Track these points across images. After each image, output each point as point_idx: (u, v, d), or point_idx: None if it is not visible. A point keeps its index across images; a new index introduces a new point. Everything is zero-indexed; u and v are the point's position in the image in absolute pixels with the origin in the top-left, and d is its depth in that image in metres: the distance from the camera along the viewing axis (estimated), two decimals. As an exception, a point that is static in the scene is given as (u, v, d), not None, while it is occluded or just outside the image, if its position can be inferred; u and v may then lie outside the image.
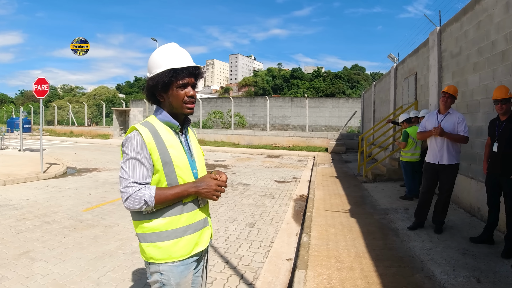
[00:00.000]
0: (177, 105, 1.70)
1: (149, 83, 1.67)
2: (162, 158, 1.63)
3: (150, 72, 1.69)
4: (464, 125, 4.74)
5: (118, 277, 3.58)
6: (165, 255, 1.65)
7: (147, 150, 1.60)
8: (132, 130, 1.63)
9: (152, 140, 1.61)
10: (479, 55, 5.70)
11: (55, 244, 4.51)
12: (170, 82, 1.65)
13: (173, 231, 1.66)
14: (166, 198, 1.60)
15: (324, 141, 20.74)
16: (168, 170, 1.64)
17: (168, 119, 1.70)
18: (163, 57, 1.67)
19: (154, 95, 1.71)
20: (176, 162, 1.67)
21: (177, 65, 1.66)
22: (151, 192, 1.56)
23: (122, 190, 1.58)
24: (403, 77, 11.24)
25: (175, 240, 1.66)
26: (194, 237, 1.73)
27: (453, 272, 3.59)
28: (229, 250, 4.40)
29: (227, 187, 1.73)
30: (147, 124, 1.67)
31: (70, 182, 9.16)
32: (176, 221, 1.67)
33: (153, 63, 1.68)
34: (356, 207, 6.40)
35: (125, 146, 1.62)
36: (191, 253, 1.72)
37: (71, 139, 28.09)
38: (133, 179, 1.57)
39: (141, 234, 1.67)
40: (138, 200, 1.55)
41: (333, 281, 3.38)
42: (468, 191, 5.90)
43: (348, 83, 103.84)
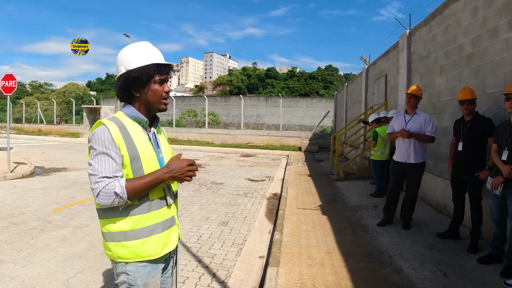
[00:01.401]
0: (155, 100, 1.68)
1: (131, 75, 1.62)
2: (129, 154, 1.59)
3: (128, 66, 1.64)
4: (431, 125, 4.92)
5: (88, 278, 3.50)
6: (133, 254, 1.61)
7: (115, 143, 1.55)
8: (99, 125, 1.58)
9: (119, 134, 1.57)
10: (446, 58, 5.91)
11: (23, 245, 4.36)
12: (152, 76, 1.64)
13: (140, 230, 1.62)
14: (138, 187, 1.55)
15: (298, 140, 20.97)
16: (135, 166, 1.60)
17: (137, 115, 1.67)
18: (144, 52, 1.66)
19: (129, 90, 1.66)
20: (144, 158, 1.63)
21: (159, 61, 1.66)
22: (121, 184, 1.51)
23: (92, 187, 1.52)
24: (374, 79, 11.52)
25: (143, 240, 1.62)
26: (163, 236, 1.70)
27: (420, 266, 3.72)
28: (202, 249, 4.38)
29: (196, 164, 1.70)
30: (114, 119, 1.63)
31: (38, 182, 8.85)
32: (144, 219, 1.63)
33: (132, 56, 1.65)
34: (327, 205, 6.51)
35: (92, 141, 1.57)
36: (160, 253, 1.68)
37: (40, 137, 27.15)
38: (102, 173, 1.52)
39: (108, 233, 1.62)
40: (109, 193, 1.49)
41: (304, 277, 3.44)
42: (435, 188, 6.12)
43: (322, 83, 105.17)
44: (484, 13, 4.77)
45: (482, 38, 4.81)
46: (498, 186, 3.50)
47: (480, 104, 4.65)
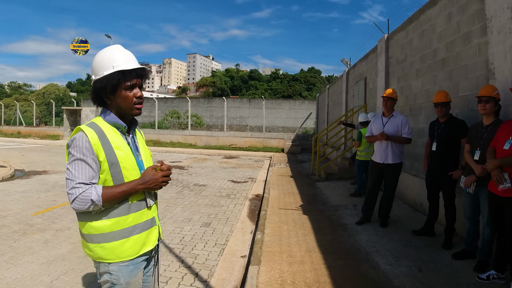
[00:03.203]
0: (126, 106, 1.72)
1: (97, 85, 1.67)
2: (108, 159, 1.64)
3: (96, 74, 1.68)
4: (408, 127, 5.10)
5: (71, 280, 3.51)
6: (112, 255, 1.67)
7: (93, 151, 1.60)
8: (78, 131, 1.63)
9: (98, 141, 1.62)
10: (422, 62, 6.12)
11: (5, 248, 4.32)
12: (119, 83, 1.67)
13: (119, 231, 1.67)
14: (113, 196, 1.61)
15: (281, 141, 21.14)
16: (114, 171, 1.66)
17: (115, 120, 1.72)
18: (110, 59, 1.69)
19: (101, 97, 1.71)
20: (123, 163, 1.68)
21: (125, 67, 1.68)
22: (98, 192, 1.57)
23: (68, 192, 1.58)
24: (354, 81, 11.75)
25: (122, 241, 1.68)
26: (142, 237, 1.75)
27: (396, 262, 3.86)
28: (184, 250, 4.42)
29: (171, 173, 1.78)
30: (93, 125, 1.67)
31: (18, 185, 8.68)
32: (123, 221, 1.68)
33: (99, 65, 1.68)
34: (308, 205, 6.64)
35: (70, 147, 1.62)
36: (139, 253, 1.74)
37: (19, 140, 26.50)
38: (79, 180, 1.58)
39: (87, 234, 1.67)
40: (85, 200, 1.56)
41: (284, 274, 3.53)
42: (412, 187, 6.32)
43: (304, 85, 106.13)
44: (458, 19, 4.98)
45: (456, 43, 5.01)
46: (471, 185, 3.67)
47: (454, 106, 4.85)
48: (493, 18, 4.04)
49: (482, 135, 3.67)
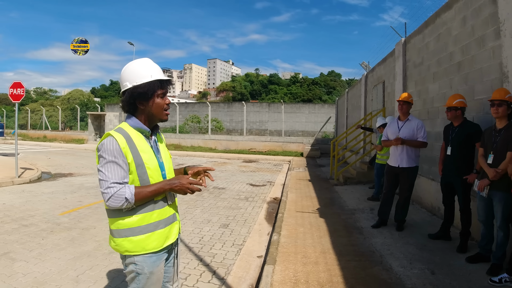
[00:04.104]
0: (158, 112, 1.92)
1: (137, 91, 1.85)
2: (135, 161, 1.82)
3: (134, 82, 1.86)
4: (423, 131, 5.14)
5: (96, 275, 3.73)
6: (139, 247, 1.85)
7: (123, 153, 1.78)
8: (107, 136, 1.81)
9: (126, 144, 1.80)
10: (438, 65, 6.14)
11: (34, 245, 4.60)
12: (155, 91, 1.88)
13: (145, 226, 1.86)
14: (145, 195, 1.80)
15: (300, 146, 21.18)
16: (140, 172, 1.84)
17: (140, 126, 1.90)
18: (148, 69, 1.89)
19: (134, 103, 1.88)
20: (148, 164, 1.87)
21: (161, 77, 1.90)
22: (131, 190, 1.76)
23: (104, 191, 1.76)
24: (373, 85, 11.75)
25: (148, 235, 1.86)
26: (165, 231, 1.94)
27: (409, 265, 3.91)
28: (203, 249, 4.61)
29: (205, 185, 2.02)
30: (121, 130, 1.85)
31: (45, 186, 9.11)
32: (149, 217, 1.87)
33: (137, 73, 1.87)
34: (325, 208, 6.72)
35: (101, 151, 1.79)
36: (162, 246, 1.92)
37: (45, 143, 27.51)
38: (113, 180, 1.75)
39: (116, 230, 1.86)
40: (120, 198, 1.74)
41: (298, 274, 3.65)
42: (429, 191, 6.31)
43: (324, 89, 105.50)
44: (472, 22, 5.00)
45: (471, 47, 5.03)
46: (485, 188, 3.70)
47: (470, 110, 4.86)
48: (506, 22, 4.07)
49: (495, 138, 3.70)
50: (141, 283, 1.88)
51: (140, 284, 1.88)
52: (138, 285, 1.88)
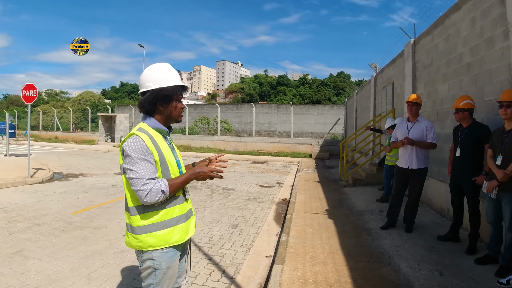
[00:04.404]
0: (175, 114, 2.06)
1: (163, 93, 1.97)
2: (160, 159, 1.94)
3: (159, 84, 1.97)
4: (433, 132, 5.13)
5: (108, 272, 3.82)
6: (162, 242, 1.94)
7: (150, 151, 1.89)
8: (132, 136, 1.91)
9: (151, 143, 1.91)
10: (447, 66, 6.12)
11: (46, 244, 4.71)
12: (176, 95, 2.02)
13: (168, 220, 1.97)
14: (177, 186, 1.93)
15: (309, 147, 21.17)
16: (164, 168, 1.96)
17: (159, 126, 2.02)
18: (171, 73, 2.03)
19: (155, 104, 1.99)
20: (170, 161, 2.00)
21: (180, 82, 2.05)
22: (165, 183, 1.89)
23: (140, 189, 1.83)
24: (382, 86, 11.72)
25: (171, 229, 1.98)
26: (186, 225, 2.07)
27: (418, 266, 3.92)
28: (212, 249, 4.67)
29: (223, 171, 2.11)
30: (144, 130, 1.95)
31: (57, 186, 9.28)
32: (172, 212, 1.99)
33: (163, 76, 2.00)
34: (334, 209, 6.74)
35: (129, 150, 1.87)
36: (184, 239, 2.05)
37: (56, 144, 27.90)
38: (147, 176, 1.86)
39: (141, 227, 1.94)
40: (157, 192, 1.85)
41: (307, 274, 3.69)
42: (439, 193, 6.29)
43: (333, 90, 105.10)
44: (481, 23, 4.99)
45: (480, 47, 5.02)
46: (493, 190, 3.69)
47: (479, 111, 4.86)
48: (515, 23, 4.06)
49: (504, 140, 3.70)
50: (157, 278, 1.97)
51: (156, 279, 1.97)
52: (154, 280, 1.97)
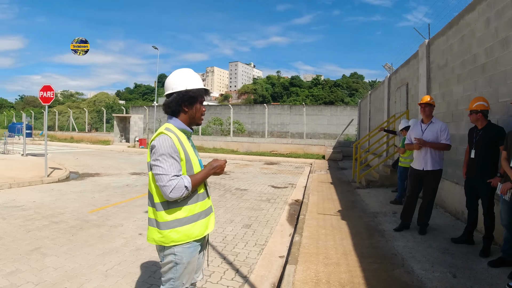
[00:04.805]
0: (198, 116, 2.20)
1: (189, 94, 2.11)
2: (185, 157, 2.07)
3: (186, 86, 2.11)
4: (447, 133, 5.11)
5: (124, 270, 3.92)
6: (184, 237, 2.06)
7: (177, 149, 2.02)
8: (161, 135, 2.03)
9: (178, 142, 2.04)
10: (462, 67, 6.08)
11: (64, 241, 4.84)
12: (201, 97, 2.15)
13: (191, 216, 2.09)
14: (197, 181, 2.06)
15: (322, 148, 21.12)
16: (188, 166, 2.09)
17: (184, 127, 2.15)
18: (197, 78, 2.17)
19: (181, 105, 2.12)
20: (193, 160, 2.13)
21: (204, 86, 2.18)
22: (188, 180, 2.00)
23: (165, 185, 1.95)
24: (396, 87, 11.64)
25: (192, 224, 2.09)
26: (206, 221, 2.18)
27: (431, 268, 3.92)
28: (226, 248, 4.74)
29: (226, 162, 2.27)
30: (171, 130, 2.08)
31: (73, 186, 9.49)
32: (193, 208, 2.10)
33: (190, 80, 2.14)
34: (347, 211, 6.74)
35: (158, 147, 2.00)
36: (203, 234, 2.15)
37: (72, 144, 28.42)
38: (173, 173, 1.98)
39: (165, 222, 2.05)
40: (181, 188, 1.96)
41: (320, 274, 3.72)
42: (453, 195, 6.24)
43: (346, 91, 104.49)
44: (496, 24, 4.95)
45: (495, 48, 4.98)
46: (507, 192, 3.67)
47: (494, 112, 4.82)
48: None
49: None
50: (178, 273, 2.08)
51: (177, 274, 2.08)
52: (175, 275, 2.09)
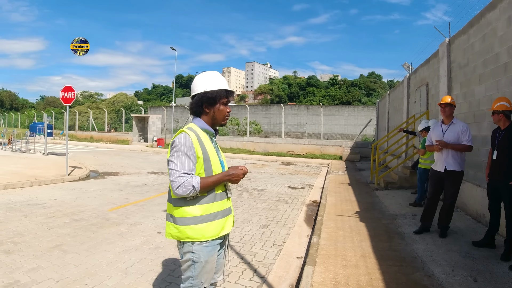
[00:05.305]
0: (220, 117, 2.21)
1: (206, 95, 2.15)
2: (203, 157, 2.10)
3: (206, 88, 2.15)
4: (468, 134, 4.99)
5: (144, 268, 3.99)
6: (199, 235, 2.08)
7: (194, 148, 2.06)
8: (181, 133, 2.09)
9: (197, 141, 2.08)
10: (484, 66, 5.94)
11: (84, 239, 4.96)
12: (221, 98, 2.16)
13: (206, 216, 2.11)
14: (208, 185, 2.06)
15: (339, 149, 20.94)
16: (207, 165, 2.11)
17: (206, 127, 2.19)
18: (218, 80, 2.20)
19: (202, 106, 2.17)
20: (213, 160, 2.15)
21: (227, 87, 2.21)
22: (197, 180, 2.02)
23: (174, 180, 2.01)
24: (416, 87, 11.46)
25: (208, 223, 2.11)
26: (222, 222, 2.18)
27: (452, 272, 3.85)
28: (244, 248, 4.76)
29: (246, 172, 2.24)
30: (191, 129, 2.13)
31: (93, 184, 9.69)
32: (209, 207, 2.12)
33: (209, 81, 2.18)
34: (365, 213, 6.67)
35: (175, 144, 2.06)
36: (218, 235, 2.16)
37: (92, 144, 29.01)
38: (183, 170, 2.02)
39: (181, 218, 2.10)
40: (188, 186, 1.99)
41: (338, 276, 3.70)
42: (474, 198, 6.11)
43: (364, 91, 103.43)
44: (519, 22, 4.83)
45: (518, 48, 4.85)
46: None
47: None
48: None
49: None
50: (196, 271, 2.11)
51: (195, 272, 2.12)
52: (193, 273, 2.12)
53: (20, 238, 4.91)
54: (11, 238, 4.87)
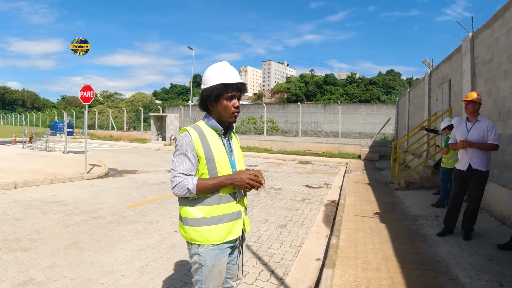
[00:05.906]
0: (225, 114, 2.03)
1: (203, 94, 2.02)
2: (206, 156, 1.97)
3: (205, 85, 2.03)
4: (494, 132, 4.78)
5: (160, 267, 3.97)
6: (202, 238, 1.98)
7: (194, 148, 1.95)
8: (183, 131, 2.00)
9: (198, 140, 1.97)
10: (509, 62, 5.70)
11: (101, 236, 4.99)
12: (221, 94, 1.98)
13: (210, 218, 1.99)
14: (206, 187, 1.93)
15: (357, 148, 20.64)
16: (210, 166, 1.99)
17: (214, 124, 2.04)
18: (216, 73, 2.01)
19: (206, 104, 2.05)
20: (218, 160, 2.00)
21: (227, 81, 1.98)
22: (194, 182, 1.91)
23: (171, 179, 1.96)
24: (437, 84, 11.15)
25: (211, 227, 1.99)
26: (228, 226, 2.04)
27: (477, 276, 3.69)
28: (261, 248, 4.70)
29: (263, 186, 2.04)
30: (196, 127, 2.03)
31: (112, 182, 9.80)
32: (213, 210, 2.00)
33: (207, 77, 2.03)
34: (386, 213, 6.51)
35: (177, 143, 1.99)
36: (224, 240, 2.02)
37: (111, 142, 29.51)
38: (180, 170, 1.94)
39: (185, 218, 2.03)
40: (183, 187, 1.91)
41: (359, 279, 3.59)
42: (500, 199, 5.88)
43: (383, 89, 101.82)
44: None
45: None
46: None
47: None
48: None
49: None
50: (203, 275, 2.01)
51: (202, 276, 2.01)
52: (200, 277, 2.02)
53: (37, 235, 4.97)
54: (29, 236, 4.94)
